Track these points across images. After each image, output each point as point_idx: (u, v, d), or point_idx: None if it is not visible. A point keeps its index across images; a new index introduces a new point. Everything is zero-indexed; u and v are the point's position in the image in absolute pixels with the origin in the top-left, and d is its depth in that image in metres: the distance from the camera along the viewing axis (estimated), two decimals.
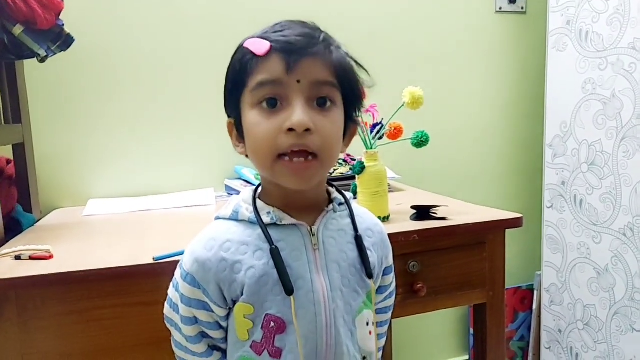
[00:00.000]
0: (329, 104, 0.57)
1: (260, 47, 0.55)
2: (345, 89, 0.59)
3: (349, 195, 0.66)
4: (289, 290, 0.57)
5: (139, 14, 1.36)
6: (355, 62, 0.61)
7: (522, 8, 1.72)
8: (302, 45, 0.55)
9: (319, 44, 0.56)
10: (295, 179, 0.56)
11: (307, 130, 0.54)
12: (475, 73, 1.70)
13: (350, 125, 0.63)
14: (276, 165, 0.56)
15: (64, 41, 1.08)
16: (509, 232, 1.03)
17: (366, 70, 0.62)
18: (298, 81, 0.55)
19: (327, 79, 0.56)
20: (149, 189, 1.40)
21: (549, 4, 1.53)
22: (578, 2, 1.44)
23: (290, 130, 0.54)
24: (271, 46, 0.55)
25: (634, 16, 1.30)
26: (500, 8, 1.69)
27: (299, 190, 0.59)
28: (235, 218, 0.61)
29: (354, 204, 0.67)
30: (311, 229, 0.60)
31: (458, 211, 1.06)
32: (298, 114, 0.54)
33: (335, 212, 0.63)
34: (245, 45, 0.57)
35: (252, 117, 0.57)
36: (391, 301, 0.75)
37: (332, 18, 1.49)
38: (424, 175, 1.63)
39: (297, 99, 0.55)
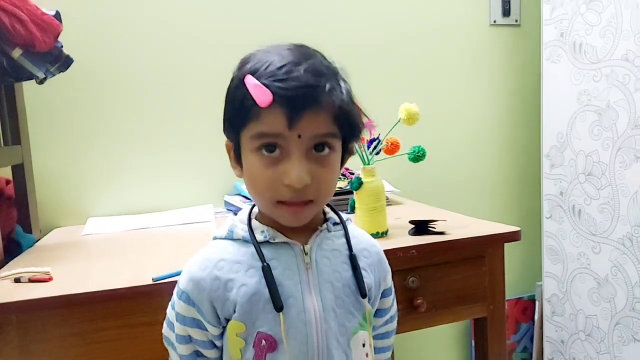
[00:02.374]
0: (327, 150, 0.57)
1: (262, 98, 0.54)
2: (346, 131, 0.59)
3: (345, 215, 0.67)
4: (278, 307, 0.57)
5: (137, 34, 1.37)
6: (359, 109, 0.62)
7: (516, 21, 1.74)
8: (304, 99, 0.54)
9: (323, 95, 0.55)
10: (292, 218, 0.59)
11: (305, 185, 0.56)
12: (471, 86, 1.72)
13: (345, 156, 0.64)
14: (275, 208, 0.58)
15: (62, 62, 1.09)
16: (509, 243, 1.04)
17: (367, 116, 0.65)
18: (299, 136, 0.55)
19: (328, 131, 0.57)
20: (148, 207, 1.40)
21: (543, 17, 1.55)
22: (571, 15, 1.46)
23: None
24: (273, 98, 0.54)
25: (626, 28, 1.32)
26: (495, 21, 1.71)
27: None
28: (230, 237, 0.62)
29: (351, 225, 0.67)
30: (304, 248, 0.61)
31: (456, 225, 1.06)
32: (296, 171, 0.55)
33: (329, 232, 0.64)
34: (247, 84, 0.55)
35: (252, 160, 0.58)
36: (393, 326, 0.74)
37: (326, 34, 1.51)
38: (423, 188, 1.63)
39: (296, 153, 0.55)
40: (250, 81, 0.55)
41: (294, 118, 0.54)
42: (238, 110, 0.58)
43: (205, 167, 1.44)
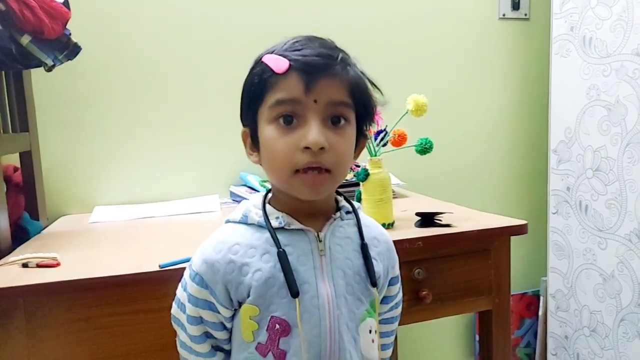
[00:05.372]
0: (342, 122, 0.59)
1: (279, 65, 0.57)
2: (359, 107, 0.61)
3: (357, 204, 0.68)
4: (294, 292, 0.58)
5: (146, 23, 1.37)
6: (370, 82, 0.64)
7: (526, 14, 1.73)
8: (320, 66, 0.57)
9: (336, 64, 0.58)
10: (309, 190, 0.58)
11: (322, 148, 0.56)
12: (479, 79, 1.71)
13: (360, 139, 0.65)
14: (292, 179, 0.58)
15: (70, 50, 1.09)
16: (514, 238, 1.03)
17: (380, 90, 0.65)
18: (315, 101, 0.57)
19: (342, 99, 0.59)
20: (154, 196, 1.41)
21: (552, 10, 1.54)
22: (581, 9, 1.45)
23: (306, 148, 0.56)
24: (290, 65, 0.57)
25: (637, 22, 1.30)
26: (504, 15, 1.70)
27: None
28: (244, 222, 0.63)
29: (361, 213, 0.68)
30: (318, 235, 0.62)
31: (463, 218, 1.06)
32: (314, 133, 0.56)
33: (342, 220, 0.65)
34: (264, 60, 0.59)
35: (269, 132, 0.59)
36: (397, 312, 0.75)
37: (335, 26, 1.50)
38: (429, 182, 1.63)
39: (313, 118, 0.57)
40: (268, 56, 0.59)
41: (309, 82, 0.56)
42: (256, 85, 0.59)
43: (211, 158, 1.45)
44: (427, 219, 1.02)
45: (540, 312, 1.74)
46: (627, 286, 1.39)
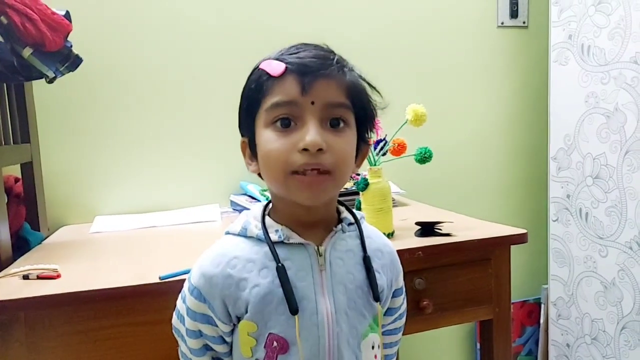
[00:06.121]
0: (341, 124, 0.58)
1: (275, 68, 0.57)
2: (358, 110, 0.60)
3: (359, 214, 0.66)
4: (293, 309, 0.56)
5: (146, 34, 1.38)
6: (369, 84, 0.62)
7: (524, 22, 1.73)
8: (316, 67, 0.56)
9: (333, 65, 0.57)
10: (308, 193, 0.56)
11: (320, 150, 0.55)
12: (478, 88, 1.71)
13: (362, 145, 0.63)
14: (289, 181, 0.56)
15: (72, 62, 1.10)
16: (514, 245, 1.03)
17: (379, 92, 0.63)
18: (312, 102, 0.56)
19: (340, 100, 0.57)
20: (154, 206, 1.41)
21: (551, 19, 1.54)
22: (579, 17, 1.46)
23: (304, 149, 0.55)
24: (286, 67, 0.56)
25: (635, 30, 1.31)
26: (502, 23, 1.71)
27: (309, 206, 0.59)
28: (244, 234, 0.61)
29: (364, 224, 0.66)
30: (318, 249, 0.60)
31: (463, 227, 1.06)
32: (312, 134, 0.55)
33: (344, 232, 0.63)
34: (261, 66, 0.59)
35: (266, 135, 0.57)
36: (401, 322, 0.74)
37: (333, 35, 1.50)
38: (429, 190, 1.63)
39: (311, 119, 0.56)
40: (264, 61, 0.58)
41: (306, 83, 0.55)
42: (253, 90, 0.59)
43: (211, 167, 1.45)
44: (427, 229, 1.02)
45: (542, 320, 1.74)
46: (628, 294, 1.39)
